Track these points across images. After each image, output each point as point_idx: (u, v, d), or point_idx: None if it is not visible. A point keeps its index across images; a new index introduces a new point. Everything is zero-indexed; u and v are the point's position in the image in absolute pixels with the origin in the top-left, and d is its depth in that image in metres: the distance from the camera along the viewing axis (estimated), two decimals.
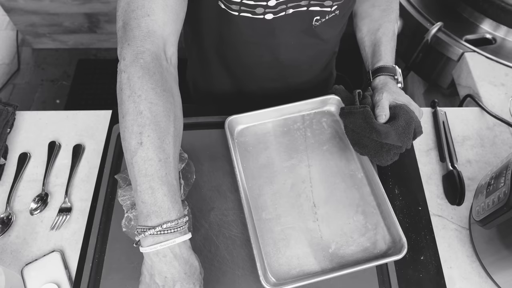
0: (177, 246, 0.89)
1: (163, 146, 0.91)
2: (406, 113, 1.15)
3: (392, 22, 1.35)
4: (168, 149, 0.92)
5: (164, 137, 0.91)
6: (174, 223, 0.88)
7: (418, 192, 1.26)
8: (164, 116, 0.93)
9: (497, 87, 1.55)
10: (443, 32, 1.76)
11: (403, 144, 1.14)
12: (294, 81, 1.51)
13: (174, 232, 0.89)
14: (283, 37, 1.29)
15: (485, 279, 1.15)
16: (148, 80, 0.93)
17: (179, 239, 0.89)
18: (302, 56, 1.40)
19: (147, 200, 0.89)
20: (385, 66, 1.27)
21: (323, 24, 1.27)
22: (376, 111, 1.17)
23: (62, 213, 1.25)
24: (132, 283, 1.10)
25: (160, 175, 0.89)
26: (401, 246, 1.07)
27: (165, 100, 0.94)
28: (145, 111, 0.90)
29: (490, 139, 1.40)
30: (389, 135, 1.12)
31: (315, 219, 1.16)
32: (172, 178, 0.91)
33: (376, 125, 1.13)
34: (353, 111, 1.19)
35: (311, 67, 1.50)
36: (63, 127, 1.43)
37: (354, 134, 1.20)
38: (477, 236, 1.17)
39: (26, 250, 1.20)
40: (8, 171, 1.33)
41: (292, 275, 1.08)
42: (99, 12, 3.35)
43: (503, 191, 0.99)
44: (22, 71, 3.58)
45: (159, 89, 0.94)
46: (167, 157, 0.91)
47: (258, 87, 1.52)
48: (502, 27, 1.74)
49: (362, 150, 1.19)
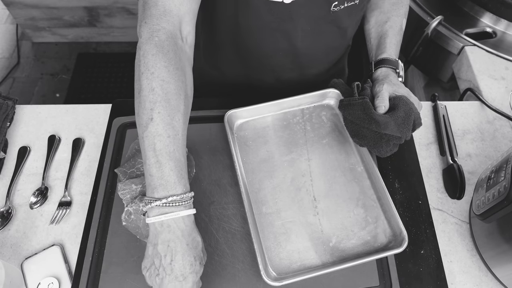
0: (181, 219, 0.93)
1: (173, 123, 0.95)
2: (405, 104, 1.15)
3: (400, 16, 1.35)
4: (177, 126, 0.96)
5: (174, 114, 0.95)
6: (180, 197, 0.92)
7: (418, 186, 1.26)
8: (175, 94, 0.97)
9: (497, 81, 1.55)
10: (443, 25, 1.76)
11: (403, 135, 1.14)
12: (308, 72, 1.50)
13: (179, 206, 0.93)
14: (300, 22, 1.28)
15: (485, 272, 1.15)
16: (162, 58, 0.97)
17: (183, 212, 0.93)
18: (317, 44, 1.39)
19: (154, 173, 0.93)
20: (388, 59, 1.27)
21: (341, 11, 1.26)
22: (376, 102, 1.17)
23: (62, 207, 1.25)
24: (132, 277, 1.10)
25: (168, 151, 0.93)
26: (402, 239, 1.07)
27: (177, 79, 0.98)
28: (157, 88, 0.95)
29: (490, 133, 1.40)
30: (388, 126, 1.12)
31: (316, 213, 1.16)
32: (179, 155, 0.95)
33: (375, 115, 1.13)
34: (352, 103, 1.20)
35: (326, 57, 1.49)
36: (63, 121, 1.43)
37: (353, 126, 1.20)
38: (477, 230, 1.17)
39: (26, 244, 1.20)
40: (8, 165, 1.33)
41: (293, 269, 1.08)
42: (99, 5, 3.35)
43: (503, 185, 0.99)
44: (22, 65, 3.58)
45: (171, 67, 0.97)
46: (176, 134, 0.95)
47: (272, 78, 1.51)
48: (502, 21, 1.73)
49: (361, 141, 1.19)
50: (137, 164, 1.23)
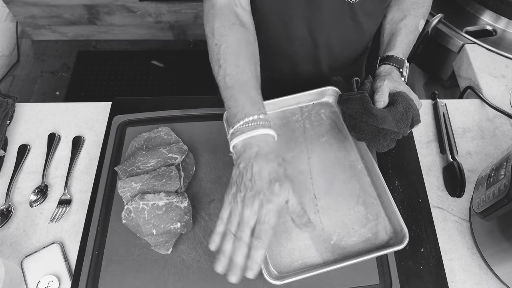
0: (260, 138, 1.00)
1: (238, 63, 1.08)
2: (405, 100, 1.15)
3: (418, 16, 1.35)
4: (242, 64, 1.08)
5: (237, 57, 1.09)
6: (255, 117, 1.00)
7: (418, 184, 1.26)
8: (235, 42, 1.12)
9: (497, 79, 1.55)
10: (443, 23, 1.76)
11: (400, 130, 1.14)
12: (323, 65, 1.50)
13: (256, 126, 1.00)
14: (319, 10, 1.28)
15: (485, 270, 1.15)
16: (218, 19, 1.15)
17: (260, 130, 0.99)
18: (334, 35, 1.39)
19: (231, 105, 1.04)
20: (394, 57, 1.26)
21: (356, 4, 1.26)
22: (375, 97, 1.17)
23: (61, 205, 1.25)
24: (132, 275, 1.10)
25: (238, 84, 1.06)
26: (403, 236, 1.07)
27: (235, 31, 1.14)
28: (218, 42, 1.11)
29: (490, 131, 1.40)
30: (386, 120, 1.12)
31: (316, 211, 1.16)
32: (250, 85, 1.06)
33: (373, 109, 1.13)
34: (351, 97, 1.20)
35: (342, 51, 1.48)
36: (62, 119, 1.43)
37: (352, 120, 1.20)
38: (477, 228, 1.17)
39: (25, 242, 1.20)
40: (7, 163, 1.33)
41: (294, 268, 1.08)
42: (99, 3, 3.35)
43: (504, 183, 0.99)
44: (21, 62, 3.58)
45: (227, 24, 1.14)
46: (243, 70, 1.08)
47: (288, 68, 1.52)
48: (502, 19, 1.73)
49: (359, 135, 1.19)
50: (137, 162, 1.23)
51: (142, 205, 1.13)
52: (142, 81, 3.48)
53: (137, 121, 1.37)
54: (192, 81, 3.45)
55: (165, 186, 1.19)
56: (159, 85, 3.44)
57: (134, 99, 1.45)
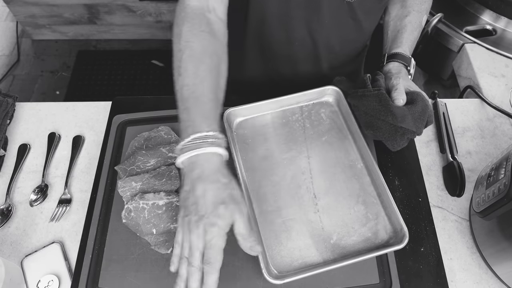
0: (207, 157, 0.95)
1: (198, 73, 1.03)
2: (423, 100, 1.16)
3: (421, 12, 1.35)
4: (202, 75, 1.03)
5: (198, 66, 1.04)
6: (203, 135, 0.95)
7: (418, 184, 1.26)
8: (199, 51, 1.06)
9: (497, 78, 1.55)
10: (443, 23, 1.76)
11: (417, 130, 1.14)
12: (324, 65, 1.50)
13: (203, 144, 0.94)
14: (318, 11, 1.28)
15: (485, 270, 1.15)
16: (186, 24, 1.08)
17: (208, 149, 0.94)
18: (333, 35, 1.39)
19: (184, 118, 0.99)
20: (402, 54, 1.27)
21: (356, 3, 1.27)
22: (394, 94, 1.17)
23: (62, 204, 1.25)
24: (132, 275, 1.10)
25: (193, 97, 1.00)
26: (403, 235, 1.07)
27: (202, 38, 1.08)
28: (182, 48, 1.05)
29: (490, 130, 1.40)
30: (405, 119, 1.12)
31: (316, 210, 1.16)
32: (206, 98, 1.00)
33: (393, 107, 1.13)
34: (367, 94, 1.19)
35: (342, 50, 1.48)
36: (63, 118, 1.43)
37: (368, 117, 1.19)
38: (477, 228, 1.17)
39: (25, 242, 1.20)
40: (8, 162, 1.33)
41: (295, 267, 1.08)
42: (99, 3, 3.35)
43: (503, 182, 0.99)
44: (22, 62, 3.58)
45: (195, 30, 1.08)
46: (202, 81, 1.02)
47: (289, 69, 1.52)
48: (502, 18, 1.73)
49: (376, 133, 1.19)
50: (137, 162, 1.23)
51: (142, 204, 1.13)
52: (142, 81, 3.48)
53: (137, 120, 1.37)
54: None
55: (165, 185, 1.19)
56: (159, 85, 3.44)
57: (134, 99, 1.45)
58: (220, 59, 1.11)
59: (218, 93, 1.05)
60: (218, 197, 0.92)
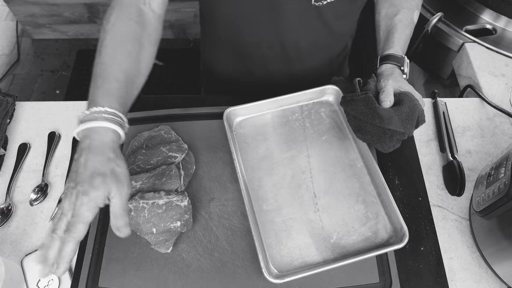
0: (98, 131, 0.95)
1: (114, 55, 1.05)
2: (410, 100, 1.15)
3: (412, 8, 1.34)
4: (119, 58, 1.05)
5: (116, 48, 1.06)
6: (102, 109, 0.96)
7: (418, 183, 1.26)
8: (122, 36, 1.08)
9: (497, 78, 1.55)
10: (443, 22, 1.76)
11: (406, 130, 1.13)
12: (296, 66, 1.50)
13: (98, 117, 0.95)
14: (283, 14, 1.28)
15: (485, 269, 1.15)
16: (118, 10, 1.10)
17: (102, 123, 0.95)
18: (302, 38, 1.39)
19: (90, 92, 1.02)
20: (394, 55, 1.26)
21: (324, 7, 1.26)
22: (381, 97, 1.17)
23: None
24: (132, 274, 1.10)
25: (102, 75, 1.03)
26: (403, 234, 1.07)
27: (128, 25, 1.10)
28: (107, 30, 1.08)
29: (490, 129, 1.40)
30: (392, 121, 1.11)
31: (316, 210, 1.16)
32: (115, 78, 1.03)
33: (379, 110, 1.13)
34: (355, 98, 1.19)
35: (314, 53, 1.48)
36: (63, 118, 1.43)
37: (356, 121, 1.19)
38: (477, 227, 1.17)
39: (26, 241, 1.20)
40: (8, 161, 1.33)
41: (294, 266, 1.09)
42: (99, 2, 3.34)
43: (503, 181, 0.99)
44: (22, 61, 3.57)
45: (123, 17, 1.10)
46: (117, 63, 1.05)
47: (261, 70, 1.52)
48: (502, 18, 1.73)
49: (364, 136, 1.19)
50: (137, 161, 1.23)
51: (142, 204, 1.13)
52: None
53: (137, 119, 1.37)
54: (192, 79, 3.44)
55: (165, 184, 1.19)
56: (159, 84, 3.43)
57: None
58: (142, 47, 1.10)
59: (133, 77, 1.07)
60: (98, 168, 0.91)
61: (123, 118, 0.99)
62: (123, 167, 0.95)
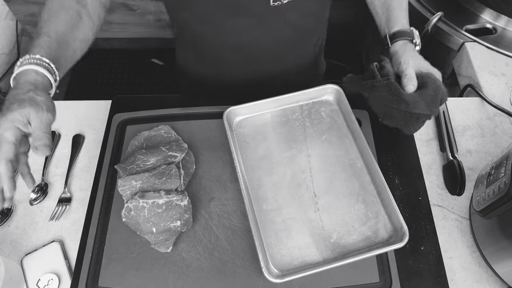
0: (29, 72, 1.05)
1: (50, 19, 1.17)
2: (433, 82, 1.15)
3: None
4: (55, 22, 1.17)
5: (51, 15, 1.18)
6: (29, 57, 1.06)
7: (418, 182, 1.26)
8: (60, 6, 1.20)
9: (497, 77, 1.55)
10: (443, 22, 1.76)
11: (431, 112, 1.14)
12: (264, 67, 1.51)
13: (28, 63, 1.06)
14: (245, 17, 1.29)
15: (485, 269, 1.15)
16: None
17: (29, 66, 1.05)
18: (265, 37, 1.39)
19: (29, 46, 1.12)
20: (403, 30, 1.25)
21: (284, 6, 1.26)
22: (404, 81, 1.17)
23: (61, 203, 1.25)
24: (132, 273, 1.10)
25: (39, 32, 1.15)
26: (403, 234, 1.07)
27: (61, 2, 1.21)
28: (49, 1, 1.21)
29: (490, 129, 1.40)
30: (417, 105, 1.12)
31: (316, 209, 1.16)
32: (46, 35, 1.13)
33: (404, 95, 1.13)
34: (376, 85, 1.18)
35: (281, 55, 1.49)
36: (63, 117, 1.43)
37: (381, 107, 1.19)
38: (477, 226, 1.17)
39: (25, 240, 1.20)
40: None
41: (294, 266, 1.08)
42: None
43: (504, 181, 0.99)
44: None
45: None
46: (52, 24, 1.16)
47: (229, 74, 1.54)
48: (502, 17, 1.73)
49: (391, 122, 1.19)
50: (137, 161, 1.23)
51: (142, 203, 1.13)
52: (142, 79, 3.48)
53: (137, 119, 1.37)
54: None
55: (165, 184, 1.19)
56: (159, 83, 3.43)
57: (134, 97, 1.45)
58: (79, 17, 1.24)
59: (66, 39, 1.18)
60: (16, 97, 1.00)
61: (50, 63, 1.08)
62: (45, 97, 1.03)
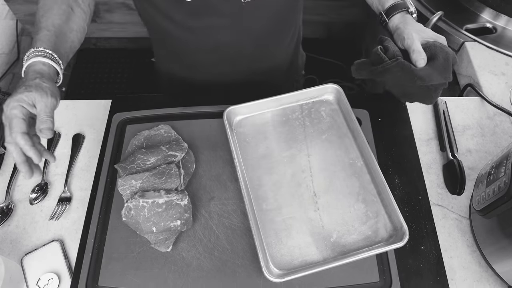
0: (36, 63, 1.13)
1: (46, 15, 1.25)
2: (441, 50, 1.15)
3: None
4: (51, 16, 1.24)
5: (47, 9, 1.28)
6: (34, 50, 1.14)
7: (418, 182, 1.26)
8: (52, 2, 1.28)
9: (497, 77, 1.55)
10: (443, 21, 1.75)
11: (447, 79, 1.15)
12: (241, 67, 1.53)
13: (33, 56, 1.14)
14: (218, 17, 1.30)
15: (485, 268, 1.15)
16: None
17: (35, 59, 1.13)
18: (239, 37, 1.41)
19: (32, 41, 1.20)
20: (396, 3, 1.23)
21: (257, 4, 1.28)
22: (414, 57, 1.16)
23: (61, 202, 1.25)
24: (132, 273, 1.10)
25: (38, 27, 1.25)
26: (403, 233, 1.07)
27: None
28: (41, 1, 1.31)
29: (490, 128, 1.40)
30: (432, 77, 1.12)
31: (316, 209, 1.16)
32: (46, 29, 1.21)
33: (417, 71, 1.13)
34: (387, 67, 1.17)
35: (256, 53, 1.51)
36: (63, 117, 1.43)
37: (398, 87, 1.20)
38: (477, 226, 1.17)
39: (25, 240, 1.20)
40: (7, 160, 1.33)
41: (295, 265, 1.08)
42: (99, 1, 3.33)
43: (504, 180, 0.99)
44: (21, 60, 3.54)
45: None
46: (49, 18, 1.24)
47: (206, 74, 1.56)
48: (502, 16, 1.73)
49: (411, 99, 1.21)
50: (137, 160, 1.23)
51: (142, 202, 1.13)
52: (142, 79, 3.47)
53: (137, 119, 1.37)
54: None
55: (165, 183, 1.19)
56: None
57: (134, 97, 1.45)
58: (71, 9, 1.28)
59: (64, 31, 1.23)
60: (25, 84, 1.08)
61: (53, 54, 1.15)
62: (50, 84, 1.12)
